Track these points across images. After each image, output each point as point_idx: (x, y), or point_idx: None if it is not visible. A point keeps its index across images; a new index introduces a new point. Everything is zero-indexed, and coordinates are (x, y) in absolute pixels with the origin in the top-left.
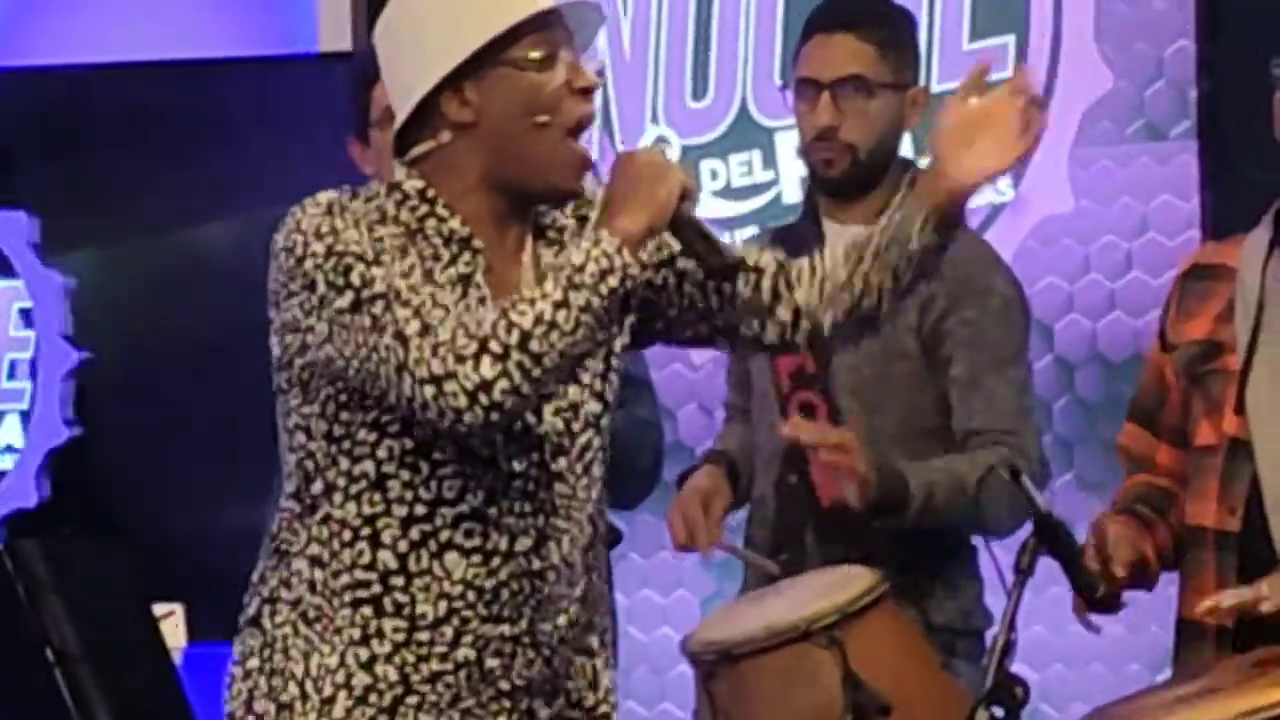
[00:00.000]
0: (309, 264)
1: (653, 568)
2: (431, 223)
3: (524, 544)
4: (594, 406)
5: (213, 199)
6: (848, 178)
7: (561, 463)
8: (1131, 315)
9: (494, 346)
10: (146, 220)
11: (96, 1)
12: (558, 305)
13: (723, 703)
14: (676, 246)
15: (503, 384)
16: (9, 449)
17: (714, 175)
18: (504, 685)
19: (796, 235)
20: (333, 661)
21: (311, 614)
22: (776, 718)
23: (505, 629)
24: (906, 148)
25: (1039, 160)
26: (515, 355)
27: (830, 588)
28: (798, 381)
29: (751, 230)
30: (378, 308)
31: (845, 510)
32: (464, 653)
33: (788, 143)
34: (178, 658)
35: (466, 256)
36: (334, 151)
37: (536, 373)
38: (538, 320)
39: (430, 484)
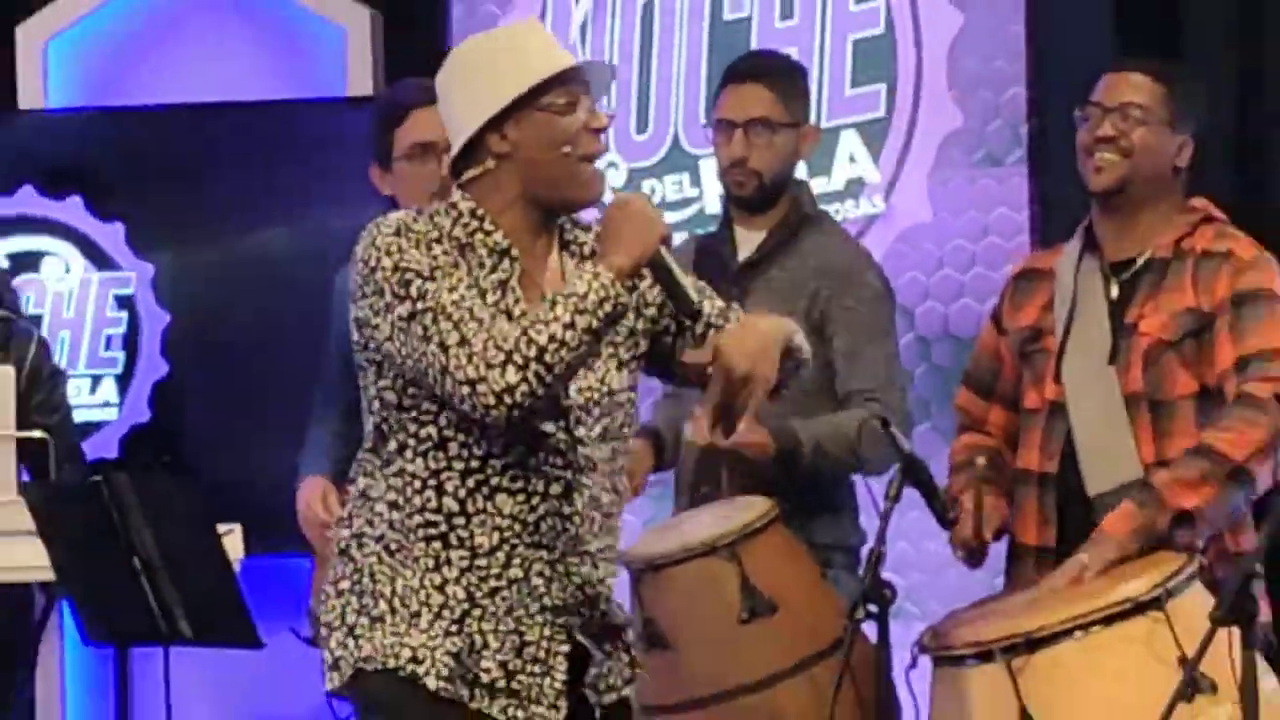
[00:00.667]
0: (379, 275)
1: None
2: (479, 236)
3: (556, 489)
4: (616, 381)
5: (263, 215)
6: (755, 197)
7: (582, 430)
8: (977, 301)
9: (517, 359)
10: (211, 231)
11: (165, 51)
12: (566, 326)
13: (648, 603)
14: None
15: (523, 388)
16: (107, 404)
17: (653, 191)
18: (546, 602)
19: (715, 239)
20: (415, 584)
21: (393, 547)
22: (689, 615)
23: (544, 554)
24: (801, 171)
25: (904, 181)
26: (533, 366)
27: (733, 513)
28: None
29: (682, 235)
30: (428, 319)
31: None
32: (514, 572)
33: (710, 167)
34: (237, 567)
35: (505, 264)
36: (359, 178)
37: (549, 379)
38: (551, 339)
39: (482, 443)
